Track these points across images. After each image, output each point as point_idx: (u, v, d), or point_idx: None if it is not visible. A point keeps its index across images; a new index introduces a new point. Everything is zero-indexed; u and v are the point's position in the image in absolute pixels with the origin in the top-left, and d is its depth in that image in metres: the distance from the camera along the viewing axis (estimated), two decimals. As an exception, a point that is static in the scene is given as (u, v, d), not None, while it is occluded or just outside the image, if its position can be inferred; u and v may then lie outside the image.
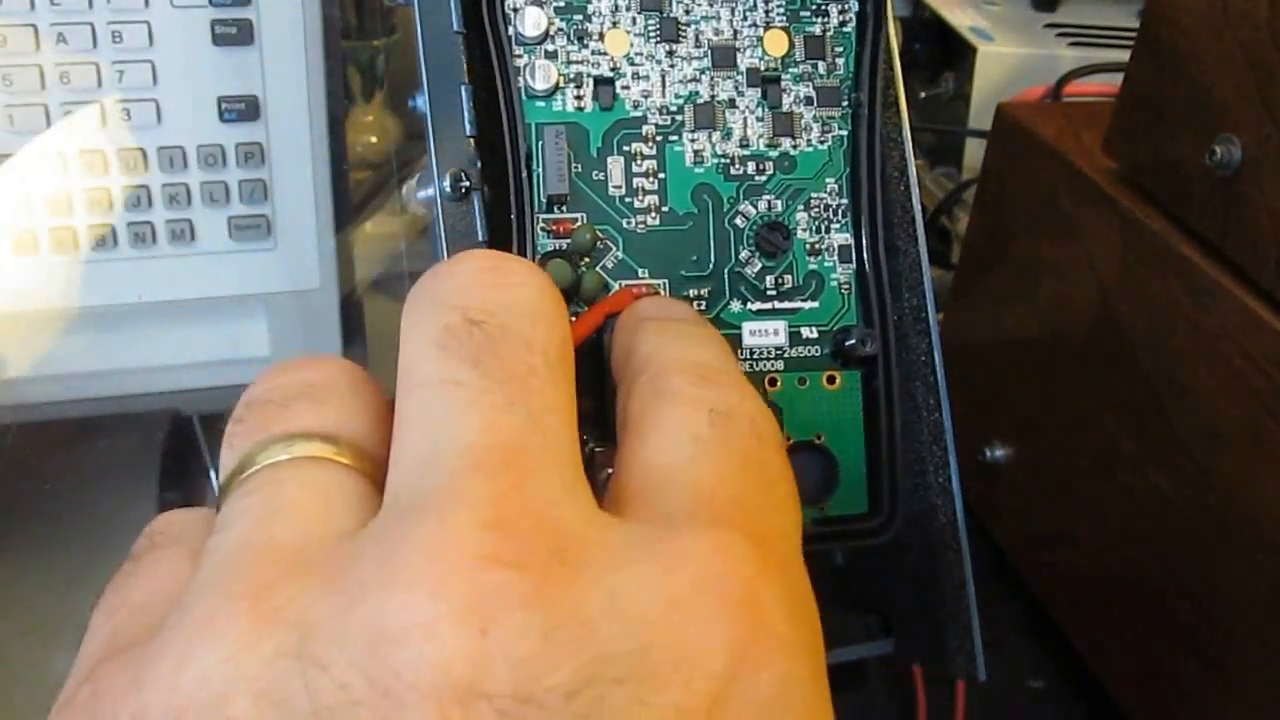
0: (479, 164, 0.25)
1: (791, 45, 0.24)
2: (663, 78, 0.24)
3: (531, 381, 0.16)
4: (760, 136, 0.24)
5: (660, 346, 0.19)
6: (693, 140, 0.24)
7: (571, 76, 0.24)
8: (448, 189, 0.28)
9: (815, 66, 0.24)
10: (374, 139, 0.56)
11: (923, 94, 0.64)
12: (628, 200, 0.24)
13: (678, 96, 0.24)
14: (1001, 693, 0.45)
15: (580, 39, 0.24)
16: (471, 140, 0.28)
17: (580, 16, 0.24)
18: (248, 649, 0.13)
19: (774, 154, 0.24)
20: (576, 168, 0.24)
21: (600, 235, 0.24)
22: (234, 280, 0.41)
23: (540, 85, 0.24)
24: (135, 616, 0.16)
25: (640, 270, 0.24)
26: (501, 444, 0.15)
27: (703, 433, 0.17)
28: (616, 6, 0.24)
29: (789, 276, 0.24)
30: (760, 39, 0.24)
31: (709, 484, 0.16)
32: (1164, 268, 0.37)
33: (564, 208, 0.24)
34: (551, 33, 0.24)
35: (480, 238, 0.30)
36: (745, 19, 0.24)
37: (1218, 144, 0.35)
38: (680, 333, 0.19)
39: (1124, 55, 0.41)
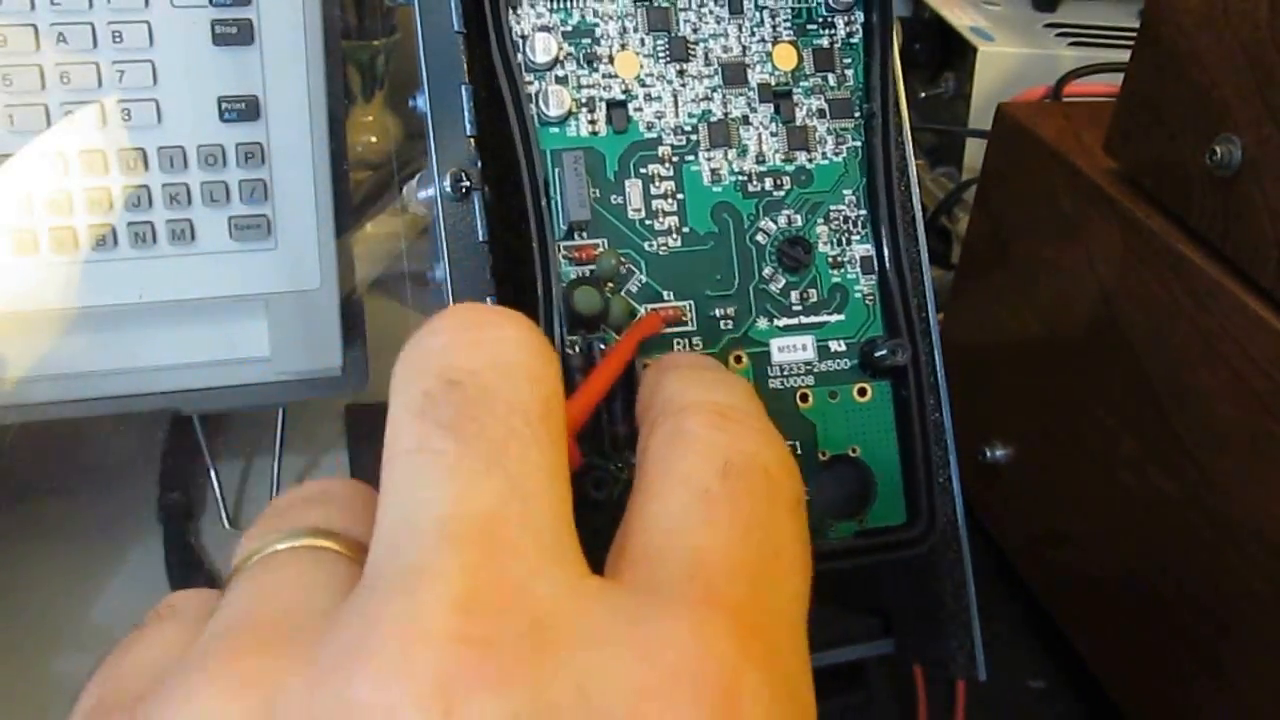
0: (479, 164, 0.25)
1: (800, 59, 0.24)
2: (675, 97, 0.24)
3: (511, 444, 0.15)
4: (776, 152, 0.24)
5: (684, 389, 0.18)
6: (709, 159, 0.24)
7: (584, 101, 0.24)
8: (448, 189, 0.28)
9: (825, 79, 0.24)
10: (374, 139, 0.56)
11: (923, 94, 0.64)
12: (648, 223, 0.24)
13: (691, 116, 0.24)
14: (1001, 693, 0.45)
15: (590, 63, 0.24)
16: (471, 140, 0.28)
17: (589, 40, 0.24)
18: (218, 713, 0.13)
19: (790, 168, 0.24)
20: (595, 192, 0.24)
21: (623, 260, 0.23)
22: (234, 280, 0.41)
23: (554, 111, 0.24)
24: (128, 680, 0.16)
25: (665, 293, 0.23)
26: (476, 513, 0.14)
27: (712, 487, 0.16)
28: (624, 29, 0.24)
29: (813, 290, 0.24)
30: (769, 54, 0.24)
31: (707, 552, 0.16)
32: (1164, 268, 0.37)
33: (584, 234, 0.24)
34: (561, 58, 0.24)
35: (480, 238, 0.30)
36: (753, 34, 0.24)
37: (1218, 144, 0.35)
38: (705, 378, 0.19)
39: (1124, 55, 0.41)
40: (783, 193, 0.24)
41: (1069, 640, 0.44)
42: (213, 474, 0.50)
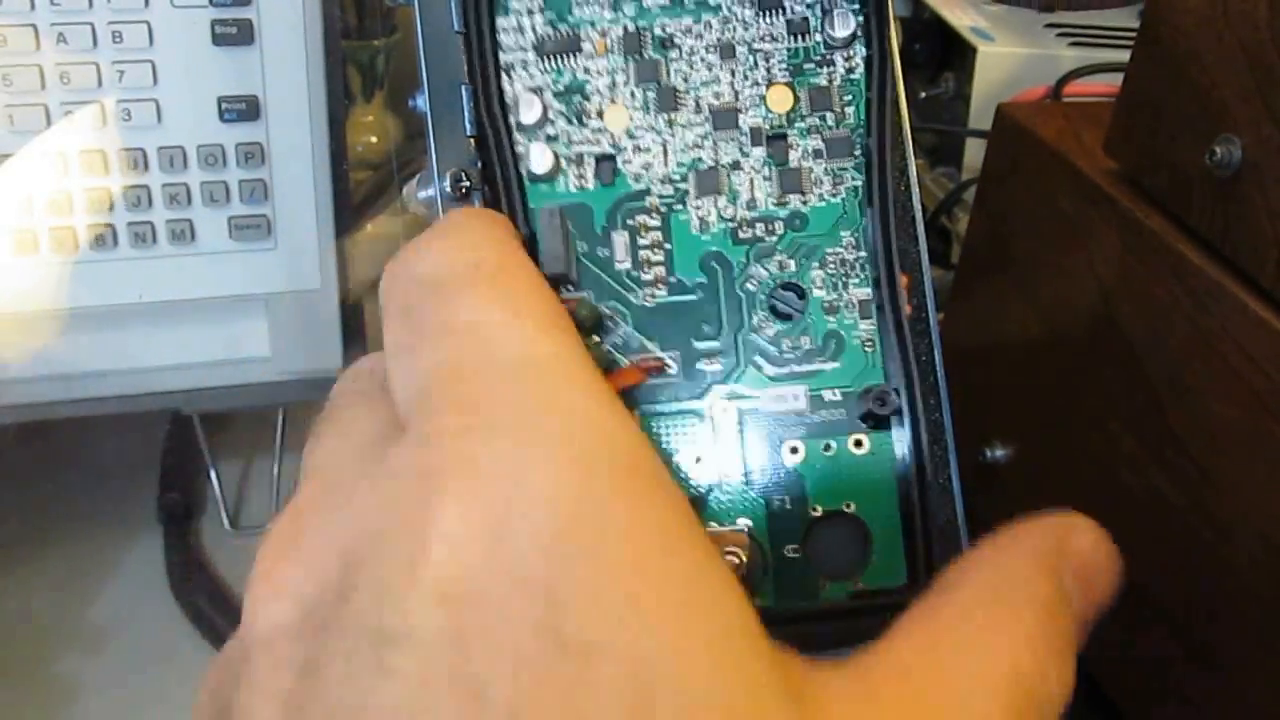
0: (479, 164, 0.25)
1: (797, 100, 0.23)
2: (664, 147, 0.23)
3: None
4: (769, 196, 0.23)
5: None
6: (697, 207, 0.23)
7: (572, 157, 0.24)
8: (448, 189, 0.28)
9: (824, 118, 0.23)
10: (374, 139, 0.56)
11: (923, 94, 0.64)
12: (634, 274, 0.23)
13: (681, 165, 0.23)
14: (1001, 693, 0.45)
15: (579, 118, 0.24)
16: (472, 140, 0.28)
17: (579, 96, 0.24)
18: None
19: (784, 213, 0.23)
20: (582, 246, 0.23)
21: (609, 312, 0.23)
22: (234, 280, 0.41)
23: (537, 169, 0.24)
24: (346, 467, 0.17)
25: (650, 344, 0.23)
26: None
27: None
28: (614, 83, 0.23)
29: (806, 338, 0.23)
30: (763, 97, 0.23)
31: None
32: (1164, 268, 0.37)
33: (571, 288, 0.23)
34: (551, 116, 0.24)
35: (480, 238, 0.30)
36: (746, 79, 0.23)
37: (1218, 144, 0.35)
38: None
39: (1124, 55, 0.41)
40: (775, 238, 0.23)
41: (1069, 640, 0.44)
42: (213, 474, 0.50)
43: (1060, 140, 0.44)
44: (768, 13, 0.23)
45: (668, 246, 0.23)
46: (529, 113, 0.24)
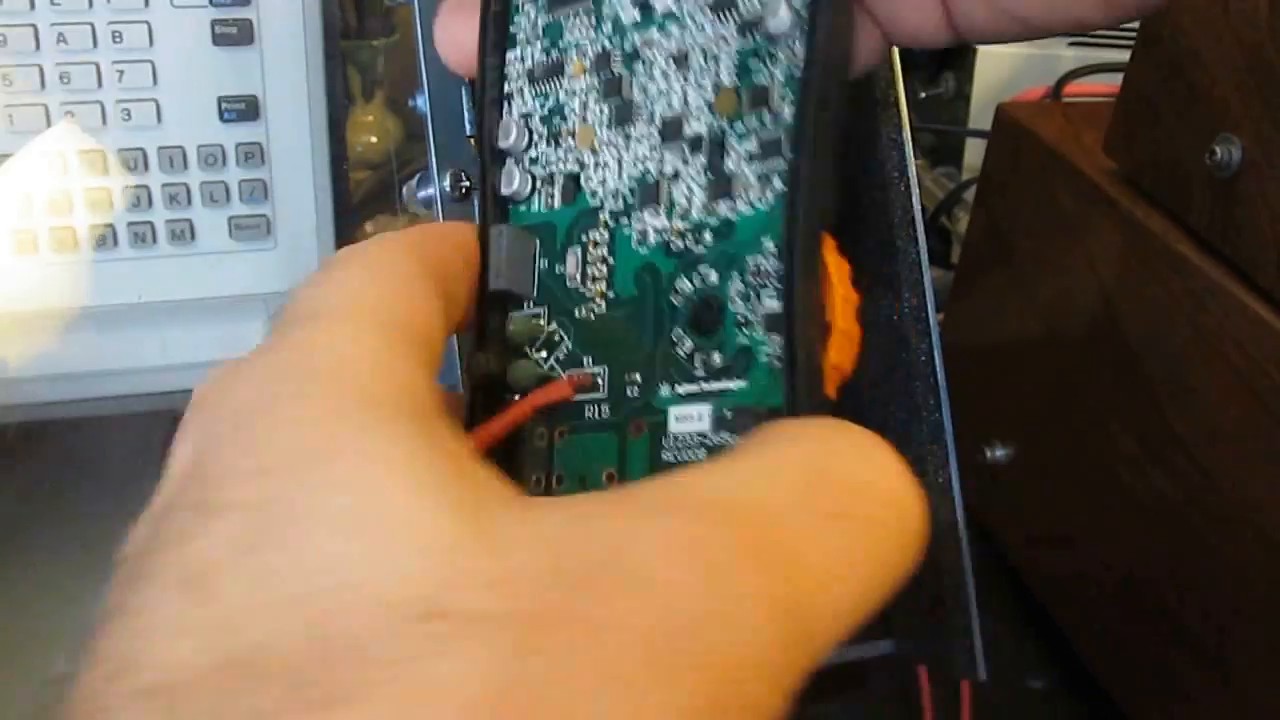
0: (479, 163, 0.25)
1: (739, 102, 0.21)
2: (619, 163, 0.23)
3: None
4: (702, 205, 0.22)
5: None
6: (638, 220, 0.22)
7: (546, 178, 0.24)
8: (448, 189, 0.28)
9: (761, 119, 0.21)
10: (374, 139, 0.56)
11: (923, 94, 0.64)
12: (579, 290, 0.23)
13: (631, 178, 0.23)
14: (1001, 693, 0.45)
15: (555, 140, 0.23)
16: (472, 140, 0.28)
17: (559, 118, 0.24)
18: None
19: (714, 221, 0.21)
20: (543, 264, 0.23)
21: (554, 328, 0.23)
22: (234, 280, 0.41)
23: (506, 190, 0.23)
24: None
25: (585, 359, 0.23)
26: None
27: None
28: (586, 102, 0.23)
29: (718, 354, 0.21)
30: (710, 103, 0.22)
31: None
32: (1164, 268, 0.37)
33: (526, 305, 0.23)
34: (534, 139, 0.24)
35: (480, 238, 0.30)
36: (699, 85, 0.22)
37: (1218, 144, 0.35)
38: None
39: (1124, 55, 0.41)
40: (703, 248, 0.21)
41: (1069, 640, 0.44)
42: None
43: (1060, 140, 0.44)
44: (721, 13, 0.22)
45: (611, 262, 0.23)
46: (506, 138, 0.24)
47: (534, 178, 0.24)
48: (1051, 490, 0.45)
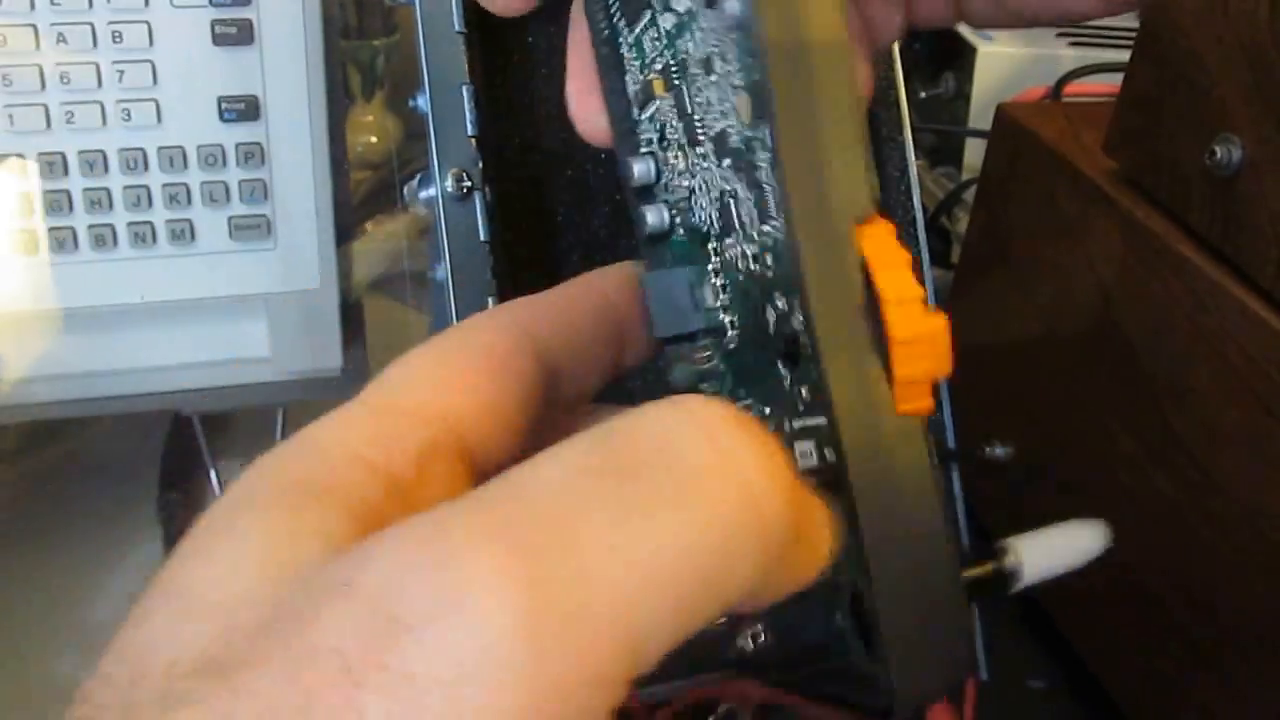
0: (480, 164, 0.25)
1: (751, 105, 0.18)
2: (705, 184, 0.21)
3: None
4: (755, 223, 0.19)
5: None
6: (729, 245, 0.20)
7: (675, 208, 0.22)
8: (449, 189, 0.28)
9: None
10: (374, 139, 0.56)
11: (923, 94, 0.64)
12: (721, 320, 0.21)
13: (713, 200, 0.20)
14: (1001, 693, 0.45)
15: (669, 165, 0.22)
16: (472, 140, 0.28)
17: (664, 143, 0.22)
18: None
19: (769, 241, 0.19)
20: (692, 297, 0.22)
21: (710, 365, 0.21)
22: (234, 280, 0.41)
23: (649, 228, 0.22)
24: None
25: (740, 391, 0.21)
26: None
27: None
28: (672, 122, 0.21)
29: (805, 388, 0.18)
30: (735, 108, 0.19)
31: None
32: (1164, 268, 0.37)
33: (691, 341, 0.22)
34: (660, 170, 0.22)
35: (481, 238, 0.30)
36: (723, 92, 0.19)
37: (1218, 144, 0.35)
38: None
39: (1124, 55, 0.41)
40: (771, 272, 0.19)
41: (1068, 640, 0.44)
42: (213, 474, 0.50)
43: (1060, 140, 0.44)
44: (713, 5, 0.19)
45: (729, 290, 0.21)
46: (638, 174, 0.22)
47: (669, 209, 0.22)
48: (1051, 490, 0.45)
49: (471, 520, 0.12)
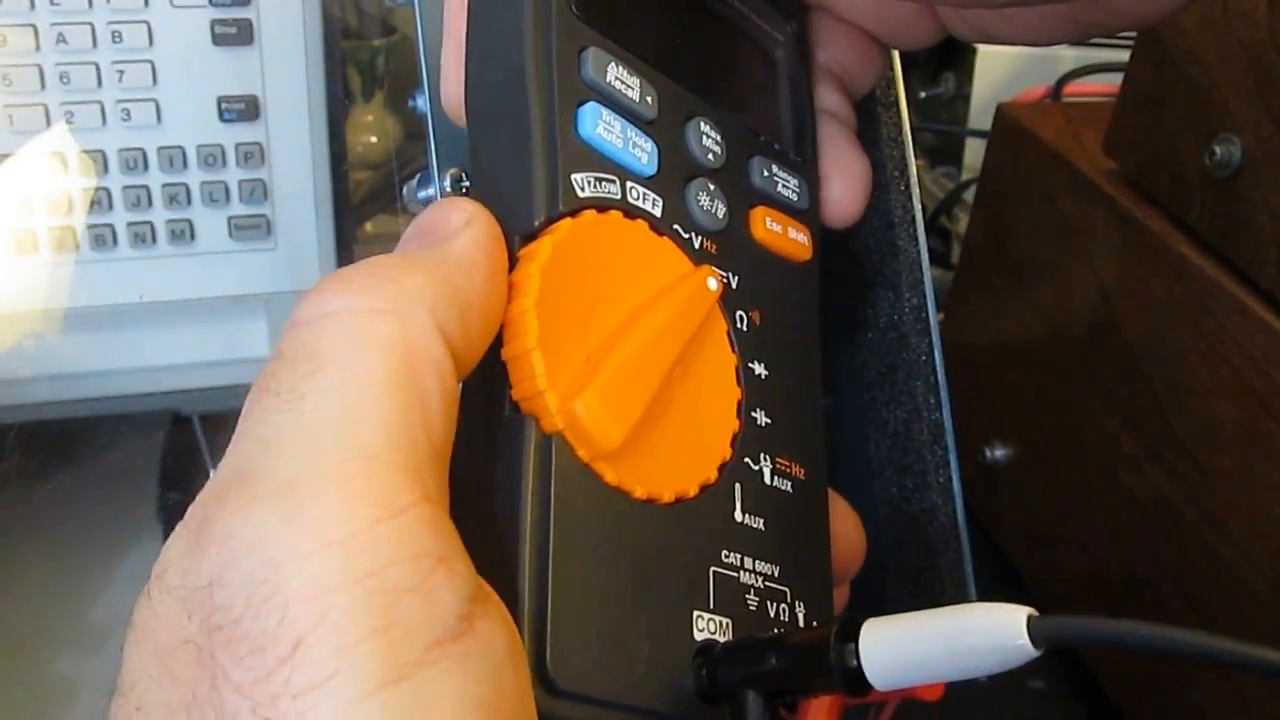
0: None
1: None
2: None
3: None
4: None
5: None
6: None
7: None
8: (448, 189, 0.28)
9: None
10: (374, 139, 0.56)
11: (923, 94, 0.64)
12: None
13: None
14: (1002, 693, 0.45)
15: None
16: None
17: None
18: None
19: None
20: None
21: None
22: (234, 280, 0.41)
23: None
24: None
25: None
26: None
27: None
28: None
29: None
30: None
31: None
32: (1164, 268, 0.37)
33: None
34: None
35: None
36: None
37: (1218, 144, 0.35)
38: None
39: (1124, 55, 0.41)
40: None
41: (1069, 640, 0.44)
42: (213, 474, 0.50)
43: (1060, 140, 0.44)
44: None
45: None
46: None
47: None
48: (1051, 490, 0.45)
49: None
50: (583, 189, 0.18)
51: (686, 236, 0.20)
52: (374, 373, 0.15)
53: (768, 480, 0.20)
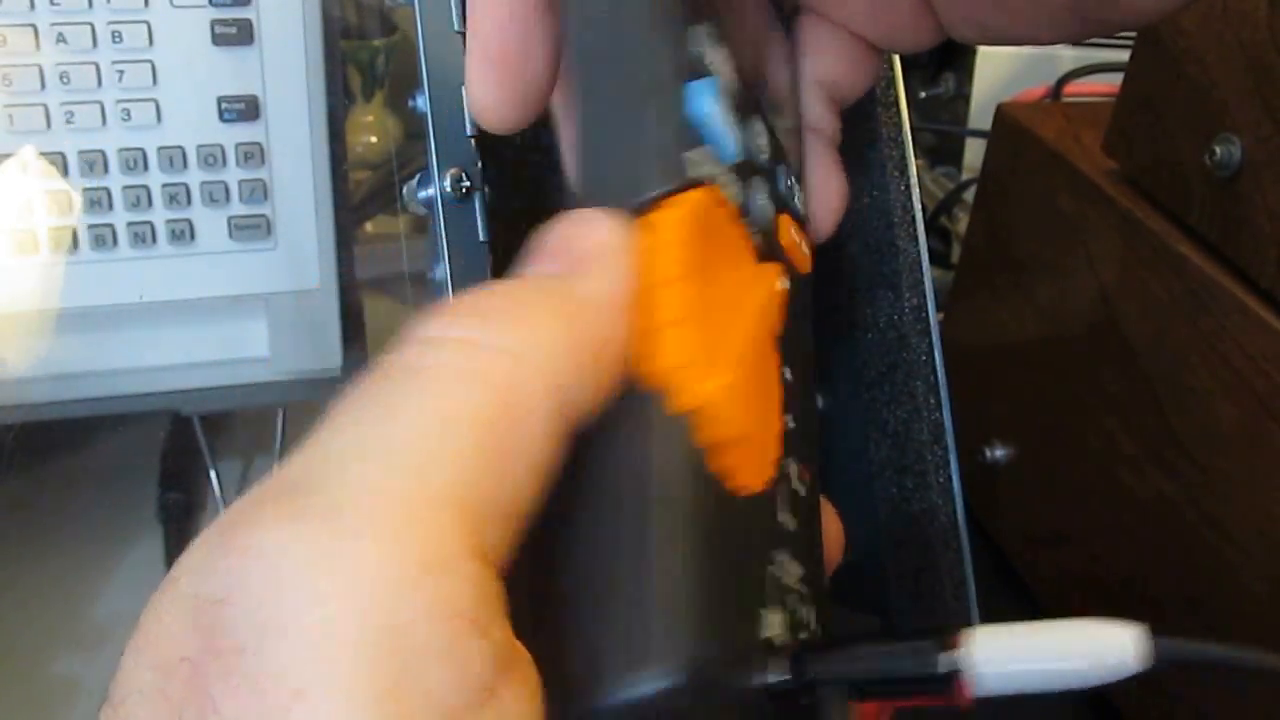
0: (479, 164, 0.25)
1: None
2: None
3: None
4: None
5: None
6: None
7: None
8: (448, 189, 0.28)
9: None
10: (374, 139, 0.56)
11: (923, 94, 0.64)
12: None
13: None
14: (1001, 693, 0.45)
15: None
16: (472, 140, 0.28)
17: None
18: None
19: None
20: None
21: None
22: (234, 280, 0.41)
23: None
24: None
25: None
26: None
27: None
28: None
29: None
30: None
31: None
32: (1164, 268, 0.37)
33: None
34: None
35: (481, 238, 0.30)
36: None
37: (1218, 144, 0.35)
38: None
39: (1124, 55, 0.41)
40: None
41: (1069, 640, 0.44)
42: (213, 474, 0.50)
43: (1060, 140, 0.44)
44: None
45: None
46: None
47: None
48: (1051, 490, 0.45)
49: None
50: (690, 167, 0.18)
51: (749, 231, 0.19)
52: (467, 413, 0.14)
53: (794, 482, 0.20)
